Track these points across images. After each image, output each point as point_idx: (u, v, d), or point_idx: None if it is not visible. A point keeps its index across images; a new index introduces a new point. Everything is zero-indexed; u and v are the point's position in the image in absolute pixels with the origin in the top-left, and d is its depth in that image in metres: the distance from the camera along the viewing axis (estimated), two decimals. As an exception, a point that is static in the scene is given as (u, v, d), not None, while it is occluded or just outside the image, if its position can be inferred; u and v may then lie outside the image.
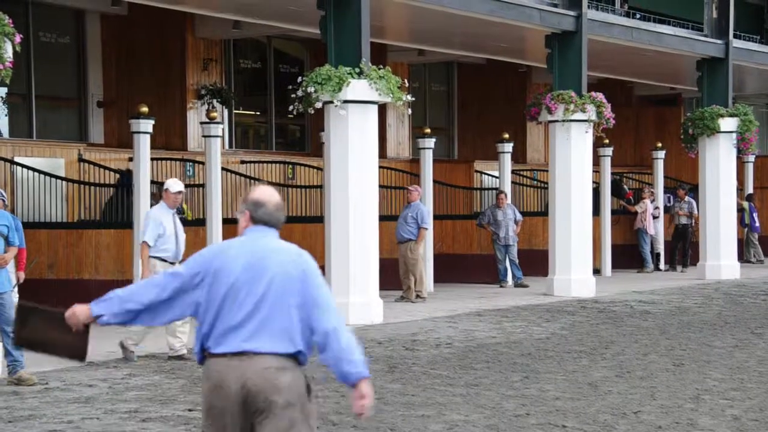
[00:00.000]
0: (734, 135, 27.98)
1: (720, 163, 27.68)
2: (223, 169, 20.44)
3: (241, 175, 23.01)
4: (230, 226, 20.01)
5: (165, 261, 14.23)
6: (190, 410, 11.32)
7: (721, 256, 27.22)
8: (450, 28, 23.93)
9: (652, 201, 29.94)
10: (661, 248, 29.85)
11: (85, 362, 6.98)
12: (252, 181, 23.17)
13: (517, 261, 24.98)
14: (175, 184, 14.70)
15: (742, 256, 30.51)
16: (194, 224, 19.85)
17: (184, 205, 20.78)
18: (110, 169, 21.09)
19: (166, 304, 6.07)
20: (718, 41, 28.26)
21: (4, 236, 12.61)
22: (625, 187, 31.97)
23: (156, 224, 14.18)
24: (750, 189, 32.58)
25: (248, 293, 5.90)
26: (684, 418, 11.17)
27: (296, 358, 5.88)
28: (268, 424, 5.85)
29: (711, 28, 28.43)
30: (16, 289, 13.72)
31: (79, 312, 6.24)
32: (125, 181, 21.02)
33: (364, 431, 10.56)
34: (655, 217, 29.70)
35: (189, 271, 6.08)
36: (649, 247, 29.63)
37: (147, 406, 11.55)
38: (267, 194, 6.17)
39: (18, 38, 13.31)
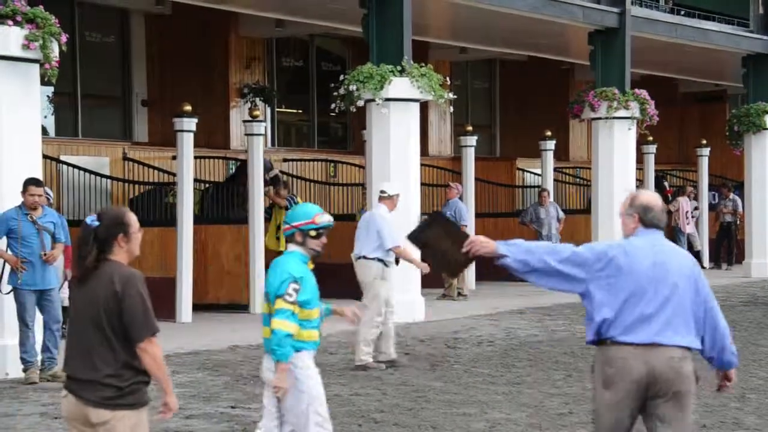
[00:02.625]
0: (786, 132, 27.85)
1: (766, 160, 27.50)
2: (267, 166, 20.43)
3: (283, 173, 23.06)
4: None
5: (388, 266, 14.03)
6: (233, 407, 11.44)
7: (767, 254, 26.99)
8: (492, 25, 23.91)
9: (692, 200, 29.78)
10: (702, 247, 29.59)
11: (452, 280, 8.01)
12: (294, 178, 23.20)
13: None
14: (397, 187, 14.52)
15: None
16: (237, 222, 19.93)
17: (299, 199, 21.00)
18: (154, 168, 21.19)
19: (559, 274, 6.68)
20: (764, 37, 28.12)
21: (51, 233, 12.72)
22: (665, 183, 31.78)
23: (388, 227, 13.87)
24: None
25: (656, 291, 6.50)
26: (729, 417, 11.15)
27: (690, 349, 6.52)
28: (665, 406, 6.51)
29: (757, 23, 28.30)
30: (66, 285, 13.84)
31: (483, 242, 6.71)
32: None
33: (406, 429, 10.57)
34: (694, 216, 29.53)
35: (593, 257, 6.64)
36: (685, 246, 29.38)
37: (190, 402, 11.59)
38: (654, 199, 6.79)
39: (64, 38, 13.42)
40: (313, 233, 7.99)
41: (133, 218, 6.14)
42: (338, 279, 21.34)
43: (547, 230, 24.58)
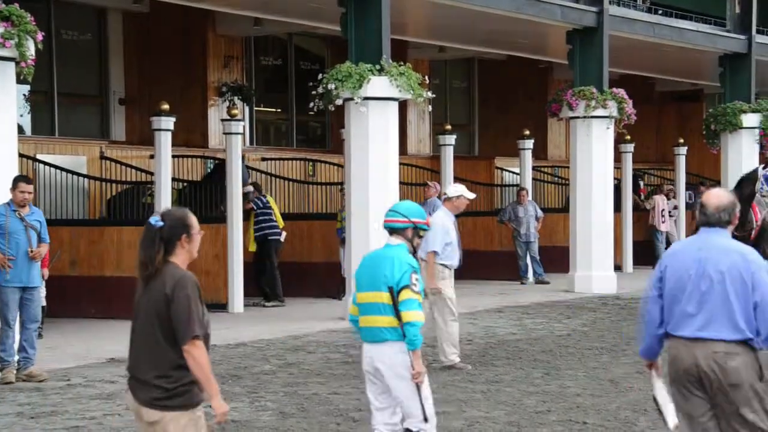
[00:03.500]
0: (757, 131, 27.89)
1: (743, 159, 27.58)
2: (247, 166, 20.47)
3: (261, 172, 23.06)
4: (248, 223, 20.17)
5: (449, 268, 13.89)
6: (208, 406, 11.39)
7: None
8: (471, 24, 23.94)
9: (669, 198, 29.90)
10: (682, 245, 29.65)
11: None
12: (272, 177, 23.21)
13: (537, 257, 24.98)
14: (459, 189, 14.30)
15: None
16: (215, 221, 19.93)
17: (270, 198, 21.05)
18: (131, 167, 21.15)
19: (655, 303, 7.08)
20: (741, 37, 28.20)
21: (37, 231, 12.73)
22: (640, 182, 31.90)
23: (444, 231, 13.67)
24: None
25: (696, 286, 6.82)
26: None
27: (746, 343, 6.68)
28: (720, 401, 6.77)
29: (734, 23, 28.39)
30: (43, 285, 13.81)
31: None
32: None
33: None
34: (672, 215, 29.63)
35: (657, 271, 7.14)
36: (662, 245, 29.47)
37: (168, 402, 11.62)
38: (711, 197, 7.13)
39: (40, 36, 13.39)
40: (421, 233, 8.29)
41: (194, 220, 6.27)
42: (317, 278, 21.47)
43: (525, 229, 24.67)
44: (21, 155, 14.59)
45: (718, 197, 7.11)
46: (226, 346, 15.25)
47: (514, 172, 28.06)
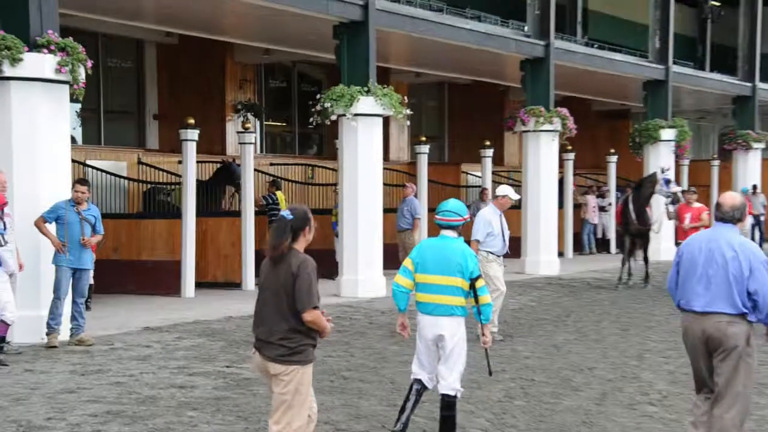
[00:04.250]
0: (673, 143, 28.11)
1: (661, 165, 27.68)
2: (255, 170, 20.46)
3: (270, 175, 23.07)
4: (261, 217, 20.17)
5: (494, 254, 13.46)
6: (227, 367, 11.45)
7: (661, 240, 27.02)
8: (441, 54, 23.96)
9: (599, 196, 30.03)
10: (612, 236, 29.70)
11: None
12: (279, 179, 23.23)
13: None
14: (505, 190, 13.92)
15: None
16: (231, 215, 19.92)
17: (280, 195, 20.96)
18: (164, 170, 21.17)
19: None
20: (660, 66, 28.40)
21: (91, 224, 12.78)
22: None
23: (486, 223, 13.35)
24: (685, 187, 32.60)
25: (704, 270, 7.06)
26: (629, 373, 11.30)
27: (743, 316, 6.95)
28: (718, 361, 7.04)
29: (655, 55, 28.54)
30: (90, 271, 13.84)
31: None
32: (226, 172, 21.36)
33: (369, 384, 10.63)
34: (604, 210, 29.69)
35: (676, 257, 7.42)
36: (589, 235, 29.56)
37: (193, 363, 11.66)
38: (726, 198, 7.30)
39: (89, 64, 13.38)
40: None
41: (311, 215, 6.61)
42: (318, 262, 21.46)
43: None
44: (73, 161, 14.60)
45: (732, 198, 7.27)
46: (240, 317, 15.23)
47: (477, 176, 28.08)
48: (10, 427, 8.57)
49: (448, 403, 7.96)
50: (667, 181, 20.15)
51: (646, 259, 20.33)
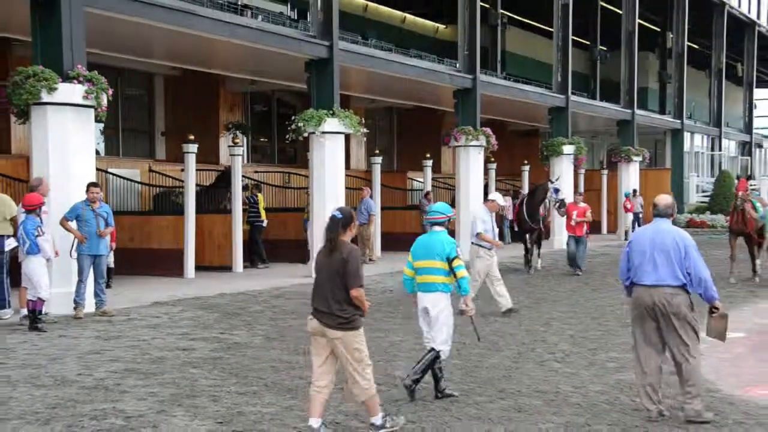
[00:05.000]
0: (572, 156, 28.37)
1: (563, 173, 28.02)
2: (243, 176, 20.43)
3: (254, 180, 23.06)
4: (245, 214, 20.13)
5: (484, 248, 13.13)
6: (221, 333, 11.45)
7: (554, 234, 27.19)
8: (391, 85, 24.08)
9: (515, 198, 30.14)
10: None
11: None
12: (261, 183, 23.23)
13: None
14: (494, 196, 13.68)
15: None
16: (223, 212, 19.89)
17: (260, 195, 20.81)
18: (169, 176, 21.07)
19: (627, 262, 7.47)
20: (562, 96, 28.65)
21: (104, 219, 12.71)
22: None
23: (480, 221, 13.13)
24: (581, 190, 32.96)
25: (654, 254, 7.25)
26: (539, 337, 11.39)
27: (683, 287, 7.17)
28: (665, 324, 7.21)
29: (557, 87, 28.82)
30: (111, 254, 13.75)
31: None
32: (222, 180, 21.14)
33: None
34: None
35: (629, 247, 7.47)
36: (507, 229, 29.39)
37: (194, 330, 11.66)
38: (660, 200, 7.50)
39: (110, 92, 13.32)
40: (452, 220, 8.66)
41: (354, 215, 6.89)
42: (291, 249, 21.48)
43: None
44: (97, 169, 14.48)
45: (665, 199, 7.51)
46: (231, 294, 15.24)
47: (419, 181, 28.19)
48: (49, 381, 8.57)
49: (432, 355, 8.06)
50: (556, 190, 20.43)
51: (539, 251, 20.44)
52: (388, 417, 6.84)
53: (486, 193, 26.92)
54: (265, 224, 20.64)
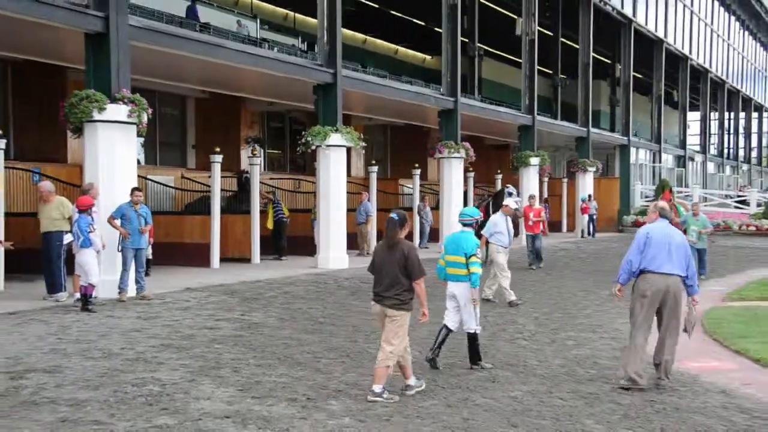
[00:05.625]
0: (538, 166, 28.42)
1: (530, 181, 28.03)
2: (260, 182, 20.42)
3: (270, 186, 23.06)
4: (262, 214, 20.10)
5: (502, 246, 12.91)
6: (242, 315, 11.43)
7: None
8: (386, 106, 24.11)
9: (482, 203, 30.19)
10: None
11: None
12: (276, 189, 23.23)
13: (427, 231, 25.04)
14: (507, 201, 13.33)
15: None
16: (244, 213, 19.88)
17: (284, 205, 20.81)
18: (198, 182, 21.04)
19: (639, 252, 7.30)
20: (528, 116, 28.69)
21: (144, 218, 12.71)
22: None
23: (493, 225, 12.97)
24: (545, 196, 33.08)
25: (667, 249, 7.22)
26: (509, 319, 11.30)
27: (684, 278, 7.29)
28: (670, 305, 7.24)
29: (525, 109, 28.86)
30: (150, 247, 13.73)
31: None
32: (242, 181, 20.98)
33: (338, 327, 10.55)
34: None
35: (642, 237, 7.31)
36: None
37: (219, 312, 11.64)
38: (663, 204, 7.59)
39: (149, 111, 13.34)
40: (479, 222, 8.71)
41: (407, 217, 6.93)
42: (300, 244, 21.49)
43: (425, 218, 24.78)
44: (139, 176, 14.47)
45: (664, 205, 7.61)
46: (250, 282, 15.21)
47: (409, 187, 28.08)
48: (97, 353, 8.56)
49: (471, 337, 8.15)
50: (510, 194, 20.34)
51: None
52: (386, 391, 6.81)
53: (465, 198, 27.28)
54: (287, 221, 20.63)
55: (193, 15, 20.73)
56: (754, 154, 62.96)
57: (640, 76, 43.92)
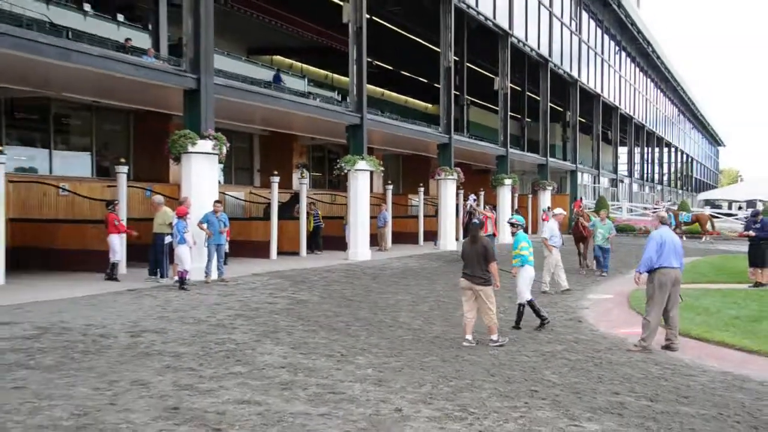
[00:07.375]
0: (511, 185, 28.17)
1: (504, 197, 27.80)
2: (307, 197, 20.44)
3: (313, 199, 23.09)
4: (295, 221, 20.04)
5: (556, 246, 12.12)
6: (292, 293, 11.38)
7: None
8: (398, 140, 24.06)
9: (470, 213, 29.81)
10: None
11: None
12: (318, 202, 23.20)
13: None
14: (558, 210, 12.43)
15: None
16: (294, 219, 19.82)
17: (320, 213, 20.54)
18: (262, 197, 21.05)
19: (658, 252, 7.15)
20: (503, 149, 28.44)
21: (223, 222, 12.78)
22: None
23: (549, 229, 12.17)
24: (516, 207, 32.79)
25: (674, 248, 7.15)
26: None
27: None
28: (675, 290, 7.20)
29: (501, 143, 28.59)
30: (227, 243, 13.80)
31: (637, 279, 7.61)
32: (294, 199, 20.86)
33: (363, 303, 10.44)
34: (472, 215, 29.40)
35: (660, 240, 7.15)
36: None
37: (276, 291, 11.62)
38: (663, 213, 7.49)
39: (228, 145, 13.46)
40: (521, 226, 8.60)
41: (484, 222, 7.21)
42: (336, 241, 21.25)
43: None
44: (220, 192, 14.61)
45: (664, 214, 7.57)
46: (299, 269, 15.14)
47: (416, 200, 27.96)
48: (190, 320, 8.65)
49: (524, 304, 8.37)
50: (473, 198, 20.17)
51: None
52: (500, 337, 7.35)
53: (457, 209, 27.14)
54: (323, 225, 20.72)
55: (277, 80, 20.97)
56: (665, 177, 65.43)
57: (583, 120, 44.25)
